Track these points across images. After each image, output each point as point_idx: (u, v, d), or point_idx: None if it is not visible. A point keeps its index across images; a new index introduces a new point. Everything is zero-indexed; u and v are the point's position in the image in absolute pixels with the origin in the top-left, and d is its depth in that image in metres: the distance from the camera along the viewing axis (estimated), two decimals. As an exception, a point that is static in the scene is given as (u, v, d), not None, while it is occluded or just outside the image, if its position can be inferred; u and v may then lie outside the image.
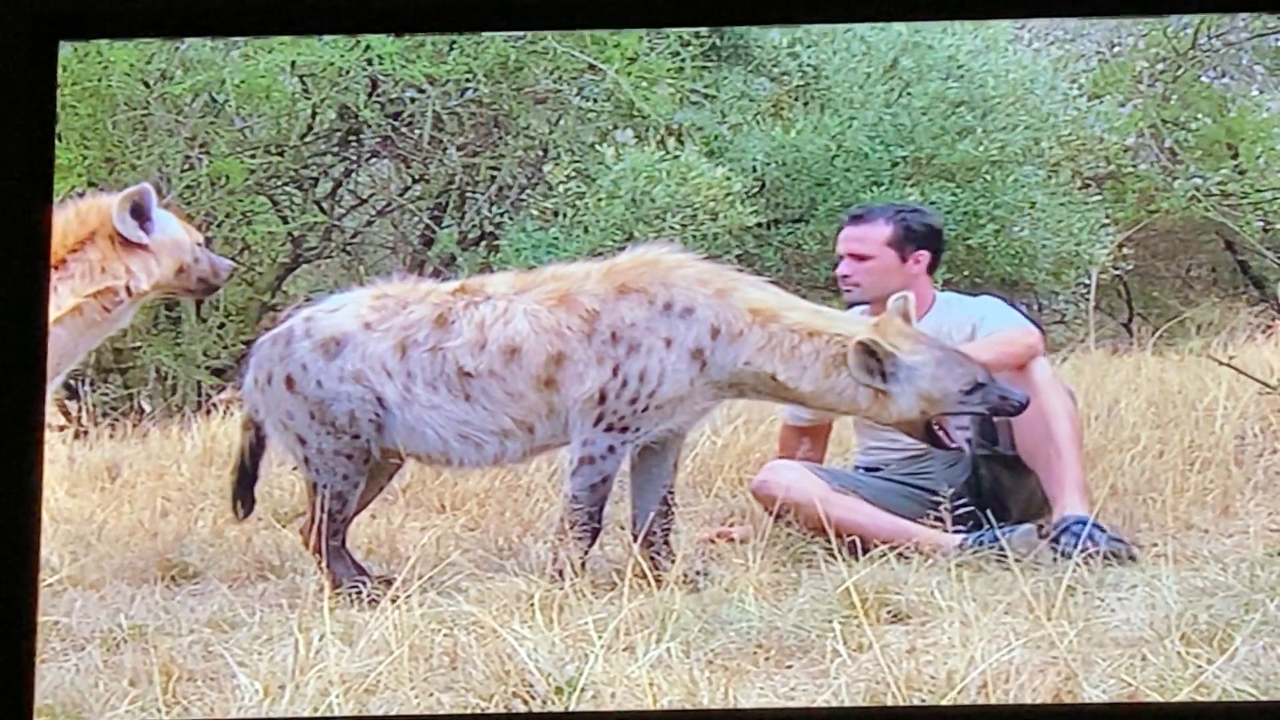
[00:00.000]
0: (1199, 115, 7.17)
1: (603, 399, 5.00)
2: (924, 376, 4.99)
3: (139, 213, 5.11)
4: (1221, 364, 6.33)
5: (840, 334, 5.00)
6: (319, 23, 5.71)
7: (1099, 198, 7.10)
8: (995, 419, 5.22)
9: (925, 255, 5.50)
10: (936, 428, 5.08)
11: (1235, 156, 7.07)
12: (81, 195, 5.47)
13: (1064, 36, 7.51)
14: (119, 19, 5.28)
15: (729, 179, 6.78)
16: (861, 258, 5.46)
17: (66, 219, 5.03)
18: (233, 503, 5.34)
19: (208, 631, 4.76)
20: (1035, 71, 7.11)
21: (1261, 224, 7.09)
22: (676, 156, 6.84)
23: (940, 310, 5.48)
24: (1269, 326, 6.82)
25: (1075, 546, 4.96)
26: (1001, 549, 4.93)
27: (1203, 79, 7.24)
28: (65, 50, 5.07)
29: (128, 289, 5.12)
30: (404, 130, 7.18)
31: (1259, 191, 7.00)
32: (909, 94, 7.00)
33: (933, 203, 6.71)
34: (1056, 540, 5.12)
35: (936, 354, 5.04)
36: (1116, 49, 7.39)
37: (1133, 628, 4.48)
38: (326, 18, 5.43)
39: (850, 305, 5.51)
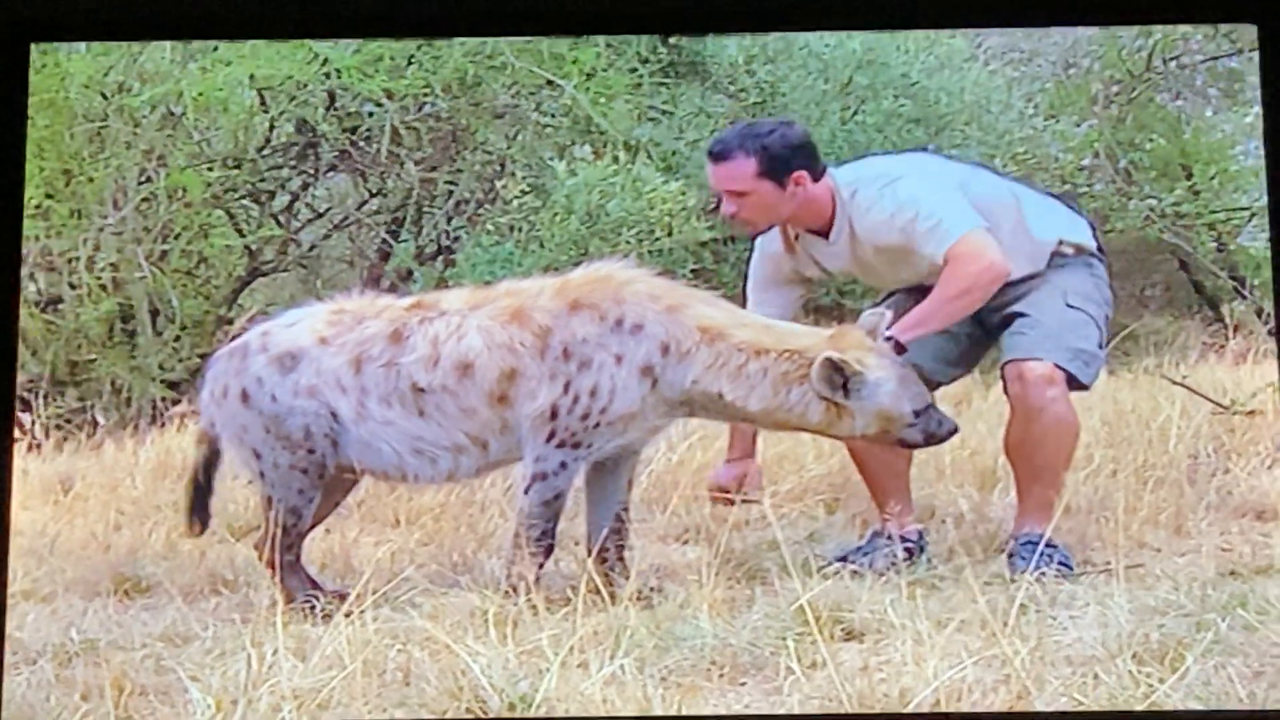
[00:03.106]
0: (1154, 136, 7.20)
1: (554, 415, 5.01)
2: (886, 394, 5.01)
3: None
4: (1175, 383, 6.37)
5: (789, 350, 5.00)
6: (286, 28, 5.75)
7: (1054, 217, 7.11)
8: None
9: (803, 174, 5.34)
10: None
11: (1189, 177, 7.10)
12: (38, 208, 5.46)
13: (1020, 56, 7.53)
14: (91, 23, 5.28)
15: (684, 193, 6.78)
16: (739, 194, 5.35)
17: None
18: (188, 517, 5.32)
19: (160, 646, 4.75)
20: (990, 90, 7.13)
21: (1215, 244, 7.13)
22: (631, 171, 6.84)
23: (857, 210, 5.38)
24: (1222, 346, 6.85)
25: (1028, 565, 4.98)
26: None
27: (1157, 100, 7.27)
28: (22, 62, 5.05)
29: None
30: (361, 144, 7.16)
31: (1213, 212, 7.03)
32: (863, 111, 7.01)
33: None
34: (1011, 556, 5.16)
35: (899, 371, 5.05)
36: (1072, 70, 7.41)
37: (1085, 646, 4.51)
38: (293, 23, 5.46)
39: (752, 238, 5.53)
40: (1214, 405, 6.22)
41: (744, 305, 5.45)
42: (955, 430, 5.14)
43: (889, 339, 5.13)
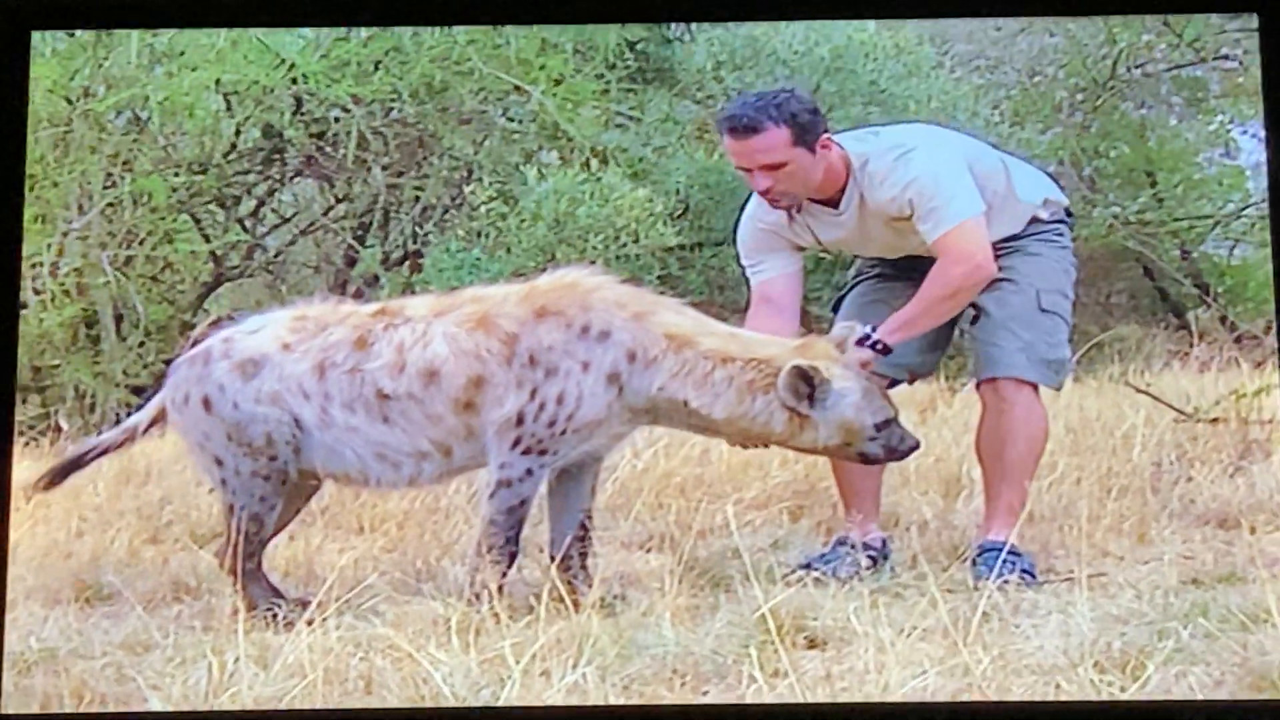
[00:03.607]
0: (1118, 144, 7.24)
1: (520, 422, 4.99)
2: (849, 405, 4.99)
3: None
4: (1139, 391, 6.39)
5: (755, 358, 4.99)
6: (286, 16, 5.75)
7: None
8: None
9: (828, 138, 5.27)
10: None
11: (1154, 185, 7.13)
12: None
13: (986, 64, 7.56)
14: (92, 10, 5.27)
15: (651, 200, 6.79)
16: (776, 166, 5.23)
17: None
18: (49, 472, 5.30)
19: (121, 654, 4.72)
20: (957, 97, 7.15)
21: (1179, 251, 7.17)
22: (599, 178, 6.84)
23: (869, 181, 5.30)
24: (1186, 353, 6.88)
25: (990, 573, 4.99)
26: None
27: (1122, 108, 7.30)
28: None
29: None
30: (328, 149, 7.15)
31: (1176, 220, 7.07)
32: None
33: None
34: (975, 564, 5.17)
35: (863, 384, 5.04)
36: (1037, 78, 7.44)
37: (1047, 654, 4.51)
38: (295, 11, 5.46)
39: (786, 209, 5.36)
40: (1177, 413, 6.24)
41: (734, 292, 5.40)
42: (916, 446, 5.13)
43: (876, 343, 5.14)
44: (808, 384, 4.93)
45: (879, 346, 5.16)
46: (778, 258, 5.43)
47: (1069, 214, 5.52)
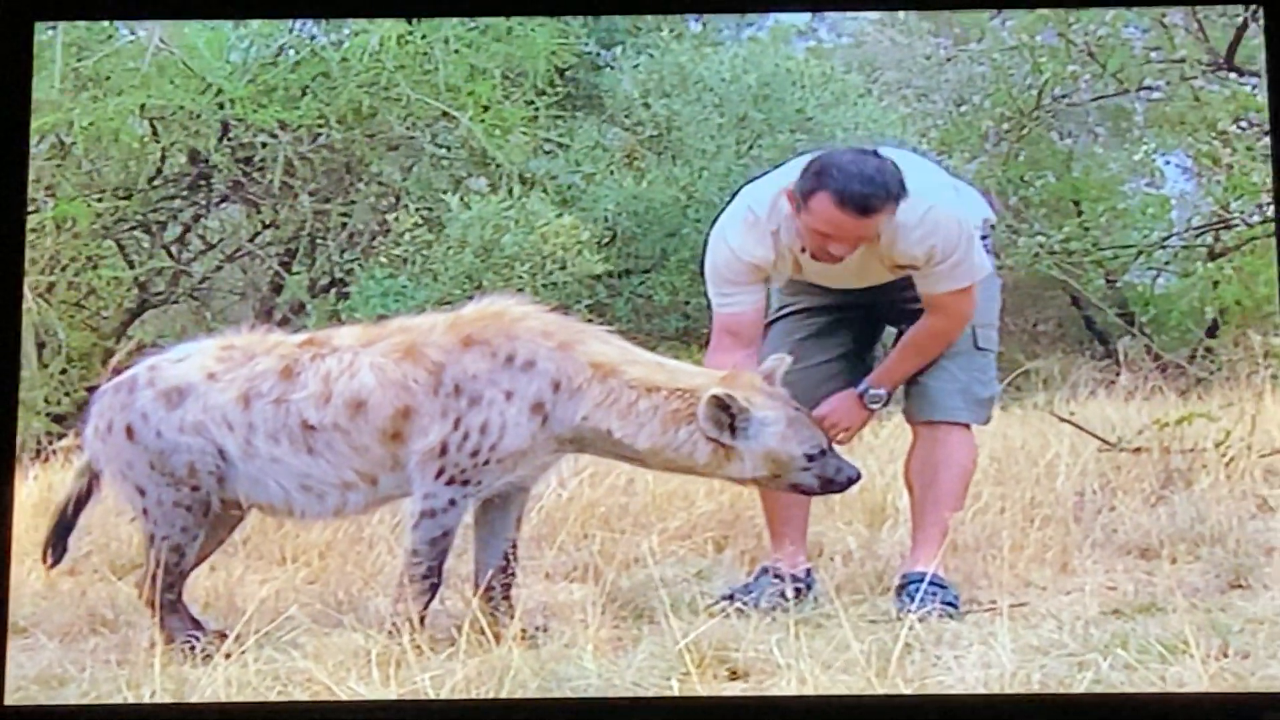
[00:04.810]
0: (1044, 173, 7.28)
1: (444, 451, 4.96)
2: (773, 435, 4.96)
3: None
4: (1063, 420, 6.42)
5: (680, 388, 4.97)
6: (286, 6, 5.74)
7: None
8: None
9: None
10: None
11: (1080, 214, 7.17)
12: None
13: (912, 93, 7.59)
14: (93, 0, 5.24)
15: (577, 227, 6.78)
16: (860, 239, 5.07)
17: None
18: (44, 549, 5.25)
19: (35, 689, 4.68)
20: (885, 125, 7.17)
21: (1105, 280, 7.21)
22: (523, 204, 6.83)
23: (888, 229, 5.11)
24: (1112, 381, 6.91)
25: (913, 603, 5.00)
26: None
27: (1048, 137, 7.35)
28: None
29: None
30: (255, 175, 7.11)
31: (1101, 250, 7.10)
32: (759, 145, 7.03)
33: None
34: (899, 594, 5.18)
35: (790, 413, 5.01)
36: (964, 107, 7.48)
37: (967, 686, 4.53)
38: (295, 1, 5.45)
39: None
40: (1101, 442, 6.27)
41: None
42: (856, 478, 5.07)
43: (875, 395, 5.22)
44: (727, 413, 4.91)
45: (877, 393, 5.24)
46: (751, 292, 5.30)
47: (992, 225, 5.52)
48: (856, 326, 5.46)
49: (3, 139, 4.88)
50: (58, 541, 5.25)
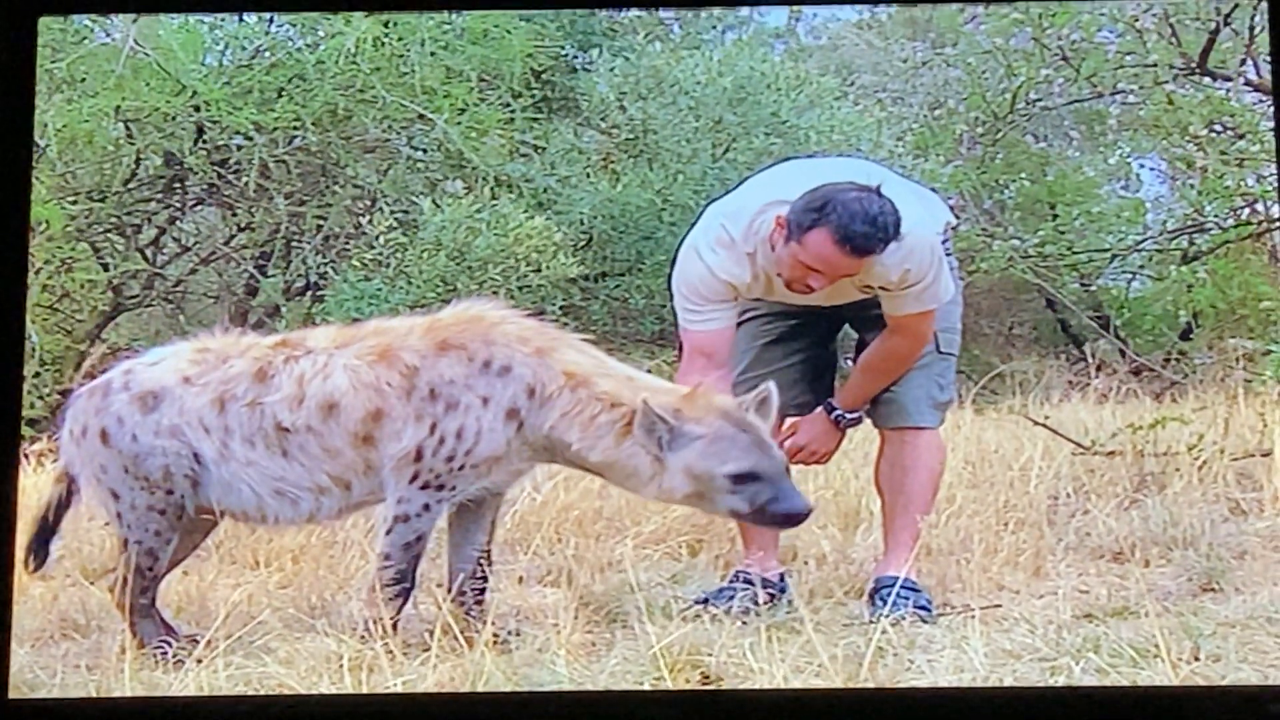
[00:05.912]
0: (1019, 177, 7.30)
1: (419, 456, 4.93)
2: (693, 450, 4.80)
3: None
4: (1037, 424, 6.42)
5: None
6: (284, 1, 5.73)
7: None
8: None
9: None
10: None
11: (1055, 217, 7.19)
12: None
13: (887, 96, 7.61)
14: None
15: (550, 229, 6.78)
16: (845, 276, 5.03)
17: None
18: (26, 555, 5.22)
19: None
20: (860, 129, 7.18)
21: (1079, 283, 7.23)
22: (495, 207, 6.82)
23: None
24: (1086, 384, 6.93)
25: (885, 607, 4.99)
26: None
27: (1023, 141, 7.37)
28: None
29: None
30: (230, 178, 7.11)
31: (1076, 253, 7.12)
32: (734, 149, 7.04)
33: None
34: (873, 598, 5.17)
35: (724, 431, 4.83)
36: (939, 111, 7.49)
37: (940, 691, 4.52)
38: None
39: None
40: (1075, 445, 6.28)
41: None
42: (801, 513, 4.86)
43: (847, 417, 5.22)
44: (664, 424, 4.80)
45: (851, 417, 5.27)
46: (724, 310, 5.20)
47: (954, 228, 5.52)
48: (817, 330, 5.45)
49: (7, 133, 4.85)
50: (39, 547, 5.21)
